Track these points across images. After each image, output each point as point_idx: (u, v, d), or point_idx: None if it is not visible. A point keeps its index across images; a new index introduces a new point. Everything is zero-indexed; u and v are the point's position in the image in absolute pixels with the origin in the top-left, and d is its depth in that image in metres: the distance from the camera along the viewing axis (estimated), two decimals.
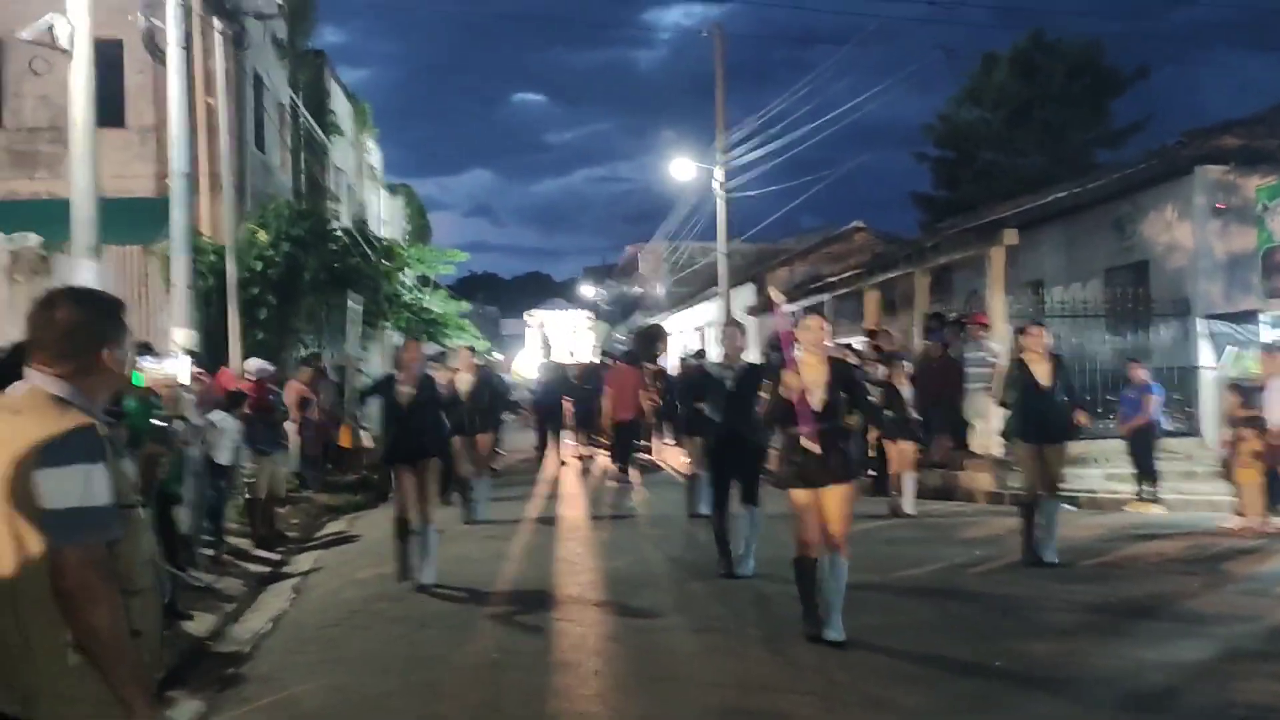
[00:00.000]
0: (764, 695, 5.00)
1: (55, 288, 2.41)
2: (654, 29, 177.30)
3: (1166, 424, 12.04)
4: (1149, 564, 7.86)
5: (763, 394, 6.16)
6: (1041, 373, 7.76)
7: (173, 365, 7.16)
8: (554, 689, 5.11)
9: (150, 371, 6.81)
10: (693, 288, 36.21)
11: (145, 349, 7.67)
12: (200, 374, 9.07)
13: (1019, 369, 7.88)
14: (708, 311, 31.32)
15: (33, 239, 14.42)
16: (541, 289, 79.15)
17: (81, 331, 2.24)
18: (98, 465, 2.13)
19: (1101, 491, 12.20)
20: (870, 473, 12.11)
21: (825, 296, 21.79)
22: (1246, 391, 9.80)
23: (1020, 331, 8.26)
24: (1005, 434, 8.52)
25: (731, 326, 8.50)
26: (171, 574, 5.92)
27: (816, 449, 5.67)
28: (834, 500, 5.80)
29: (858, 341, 16.75)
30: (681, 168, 25.46)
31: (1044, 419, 7.66)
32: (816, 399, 5.79)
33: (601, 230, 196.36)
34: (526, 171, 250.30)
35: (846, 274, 19.82)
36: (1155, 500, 11.22)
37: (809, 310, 23.80)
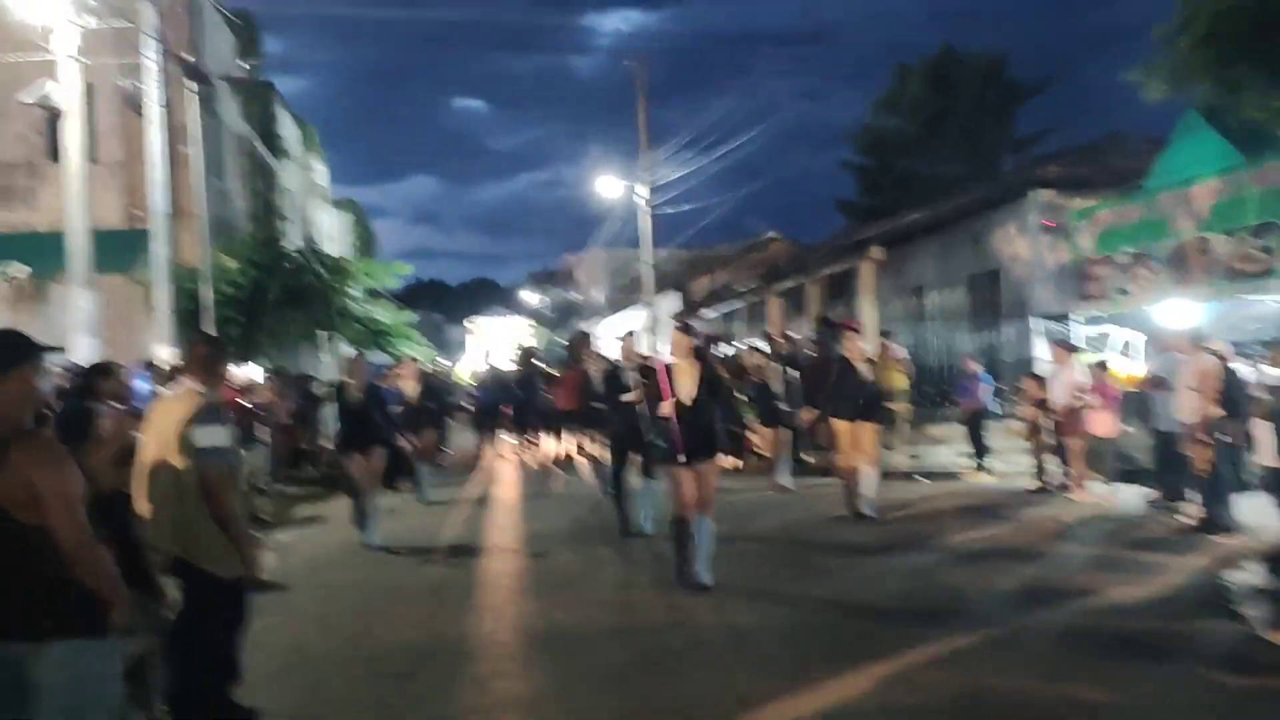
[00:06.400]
0: (627, 593, 7.23)
1: (195, 333, 4.55)
2: (592, 34, 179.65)
3: (995, 407, 14.48)
4: (941, 513, 10.25)
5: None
6: (861, 368, 10.09)
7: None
8: (477, 601, 7.28)
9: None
10: (628, 293, 38.36)
11: None
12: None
13: (841, 363, 10.19)
14: (639, 317, 33.57)
15: (21, 269, 16.19)
16: (487, 295, 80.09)
17: (211, 359, 4.38)
18: (225, 426, 4.26)
19: (949, 465, 14.66)
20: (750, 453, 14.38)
21: (739, 303, 24.22)
22: (1040, 378, 12.25)
23: (846, 336, 10.54)
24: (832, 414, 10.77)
25: (628, 336, 10.57)
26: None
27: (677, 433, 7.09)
28: (704, 473, 7.20)
29: (763, 343, 19.07)
30: (608, 185, 27.63)
31: (857, 403, 9.98)
32: (686, 394, 7.23)
33: (547, 234, 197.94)
34: (470, 177, 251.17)
35: (752, 283, 22.17)
36: (986, 470, 13.65)
37: (726, 316, 26.12)
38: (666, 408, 7.20)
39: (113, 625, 2.99)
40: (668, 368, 7.40)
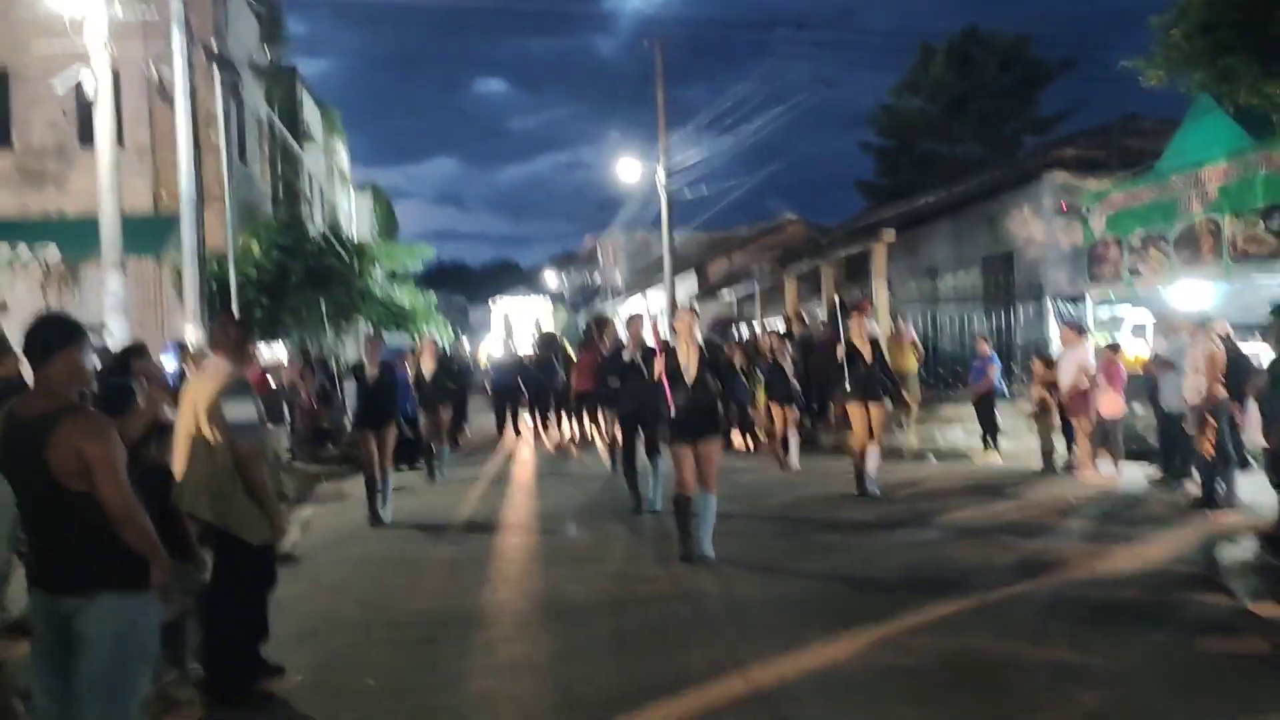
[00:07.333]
0: (635, 567, 7.52)
1: (225, 315, 4.85)
2: (614, 15, 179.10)
3: (1004, 389, 14.64)
4: (947, 492, 10.47)
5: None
6: (865, 350, 10.29)
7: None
8: (492, 574, 7.59)
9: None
10: (648, 274, 38.45)
11: None
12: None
13: (848, 347, 10.38)
14: (658, 297, 33.72)
15: (53, 251, 16.57)
16: (509, 277, 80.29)
17: (241, 339, 4.67)
18: (252, 401, 4.56)
19: (959, 445, 14.84)
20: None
21: (755, 285, 24.38)
22: (1049, 360, 12.41)
23: (850, 318, 10.73)
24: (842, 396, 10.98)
25: (635, 317, 10.69)
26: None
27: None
28: (704, 451, 7.44)
29: (782, 325, 19.32)
30: (628, 168, 27.75)
31: (866, 384, 10.19)
32: (690, 375, 7.44)
33: (569, 215, 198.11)
34: (491, 158, 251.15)
35: (769, 266, 22.32)
36: (996, 450, 13.82)
37: (743, 298, 26.28)
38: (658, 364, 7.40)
39: (152, 581, 3.28)
40: (666, 345, 7.64)
